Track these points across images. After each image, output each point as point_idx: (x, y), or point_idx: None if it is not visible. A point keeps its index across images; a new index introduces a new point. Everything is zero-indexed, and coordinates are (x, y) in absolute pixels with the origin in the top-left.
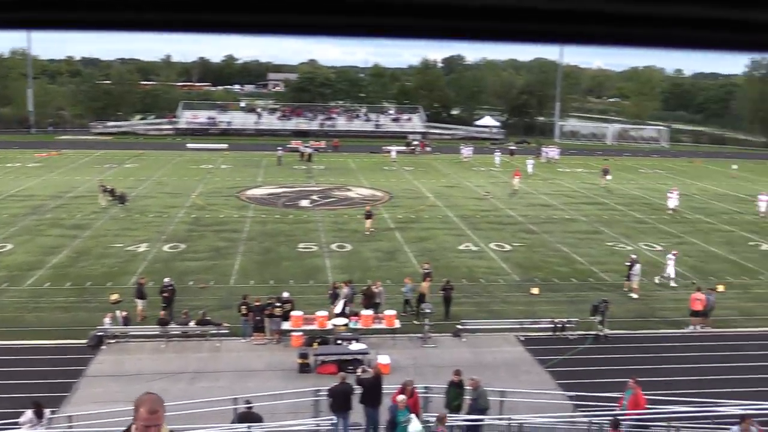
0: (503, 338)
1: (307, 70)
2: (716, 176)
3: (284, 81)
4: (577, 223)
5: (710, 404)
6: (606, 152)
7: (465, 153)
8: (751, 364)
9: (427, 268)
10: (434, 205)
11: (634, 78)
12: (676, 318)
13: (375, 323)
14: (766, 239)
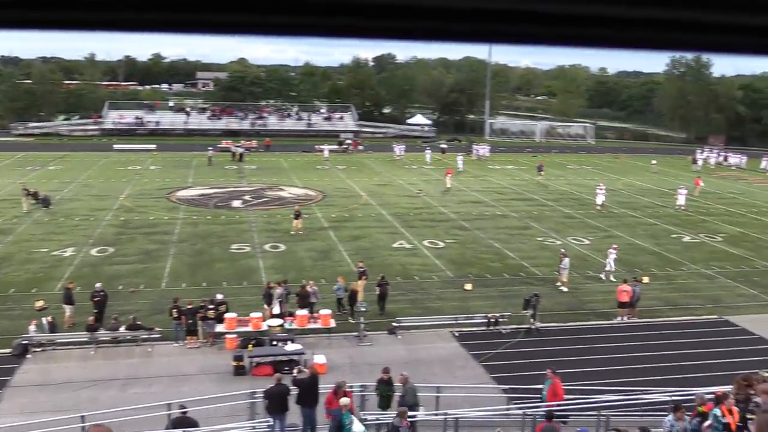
0: (438, 334)
1: (237, 69)
2: (639, 171)
3: (214, 80)
4: (508, 219)
5: (639, 392)
6: (535, 149)
7: (398, 151)
8: (677, 351)
9: (361, 266)
10: (368, 203)
11: (560, 76)
12: (604, 309)
13: (310, 323)
14: (687, 231)
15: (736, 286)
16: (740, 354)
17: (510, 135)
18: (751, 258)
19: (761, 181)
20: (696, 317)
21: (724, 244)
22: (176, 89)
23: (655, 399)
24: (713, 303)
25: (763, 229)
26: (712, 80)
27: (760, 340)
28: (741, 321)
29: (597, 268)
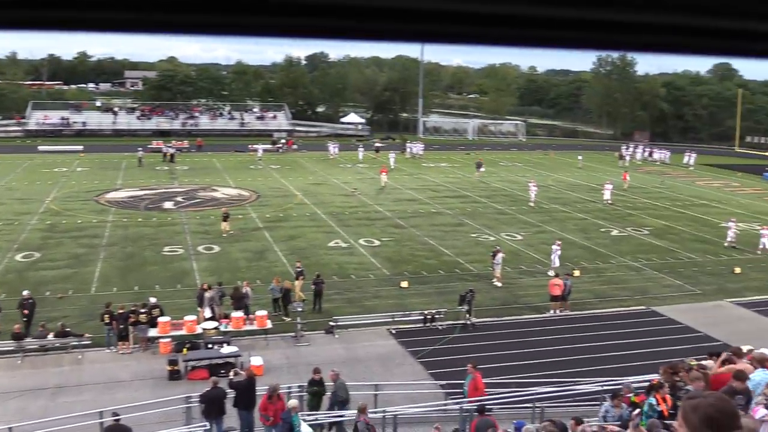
0: (375, 332)
1: (167, 68)
2: (569, 167)
3: (142, 79)
4: (442, 216)
5: (572, 383)
6: (468, 147)
7: (332, 150)
8: (607, 342)
9: (299, 267)
10: (302, 203)
11: (491, 75)
12: (537, 303)
13: (246, 325)
14: (615, 225)
15: (662, 278)
16: (667, 343)
17: (443, 133)
18: (676, 250)
19: (684, 175)
20: (625, 308)
21: (650, 237)
22: (103, 89)
23: (587, 389)
24: (641, 294)
25: (686, 222)
26: (636, 78)
27: (685, 328)
28: (667, 311)
29: (529, 263)
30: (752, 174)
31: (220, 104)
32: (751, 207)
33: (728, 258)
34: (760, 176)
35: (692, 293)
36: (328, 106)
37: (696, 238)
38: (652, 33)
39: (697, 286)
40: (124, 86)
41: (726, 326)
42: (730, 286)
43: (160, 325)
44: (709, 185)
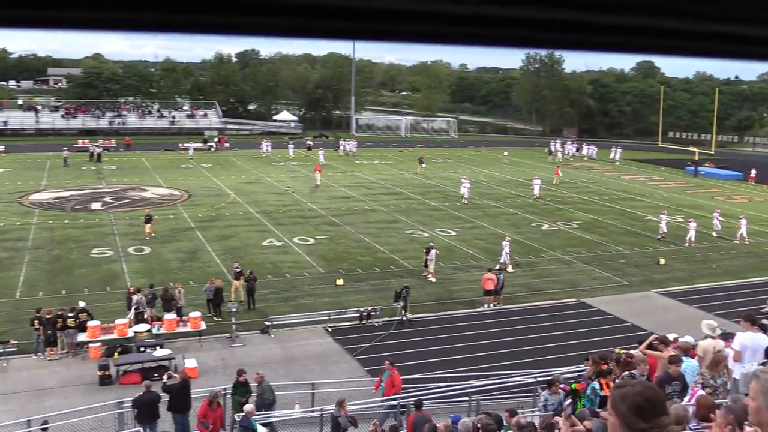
0: (311, 331)
1: (92, 65)
2: (500, 163)
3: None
4: (376, 214)
5: (506, 376)
6: (401, 144)
7: (265, 148)
8: (540, 335)
9: (237, 267)
10: (235, 201)
11: (423, 72)
12: (471, 298)
13: (179, 327)
14: (545, 220)
15: (592, 270)
16: (597, 333)
17: (376, 130)
18: (604, 243)
19: (611, 170)
20: (556, 301)
21: (579, 230)
22: (25, 86)
23: (521, 381)
24: (572, 287)
25: (613, 215)
26: (564, 76)
27: (614, 319)
28: (597, 302)
29: (463, 258)
30: (675, 168)
31: (149, 102)
32: (674, 200)
33: (653, 250)
34: (682, 170)
35: (620, 285)
36: (259, 104)
37: (623, 231)
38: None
39: (625, 277)
40: (48, 84)
41: (652, 316)
42: (655, 277)
43: (90, 329)
44: (635, 179)
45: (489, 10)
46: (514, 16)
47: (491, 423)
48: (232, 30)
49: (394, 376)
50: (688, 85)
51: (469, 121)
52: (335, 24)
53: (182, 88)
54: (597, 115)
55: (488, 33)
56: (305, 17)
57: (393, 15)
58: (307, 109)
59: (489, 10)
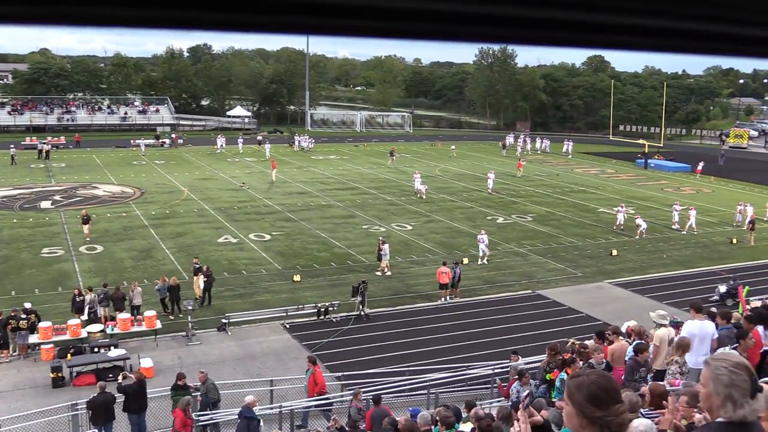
0: (269, 328)
1: (39, 60)
2: (455, 157)
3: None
4: (333, 209)
5: (464, 368)
6: (356, 139)
7: (219, 144)
8: (496, 327)
9: (196, 263)
10: (189, 198)
11: (377, 67)
12: (429, 292)
13: (134, 326)
14: (500, 213)
15: (546, 262)
16: (552, 324)
17: (331, 125)
18: (558, 235)
19: (563, 163)
20: (512, 293)
21: (534, 223)
22: None
23: (478, 373)
24: (527, 279)
25: (566, 208)
26: (516, 70)
27: (569, 310)
28: (551, 294)
29: (420, 252)
30: (626, 161)
31: (99, 98)
32: (625, 192)
33: (606, 241)
34: (632, 163)
35: (574, 276)
36: (212, 99)
37: (576, 223)
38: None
39: (578, 269)
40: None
41: (605, 306)
42: (608, 267)
43: (41, 330)
44: (587, 172)
45: (444, 6)
46: (469, 12)
47: (450, 416)
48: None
49: (316, 374)
50: (637, 79)
51: (424, 115)
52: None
53: (133, 83)
54: (549, 108)
55: (443, 28)
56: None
57: (350, 10)
58: (261, 105)
59: (444, 6)
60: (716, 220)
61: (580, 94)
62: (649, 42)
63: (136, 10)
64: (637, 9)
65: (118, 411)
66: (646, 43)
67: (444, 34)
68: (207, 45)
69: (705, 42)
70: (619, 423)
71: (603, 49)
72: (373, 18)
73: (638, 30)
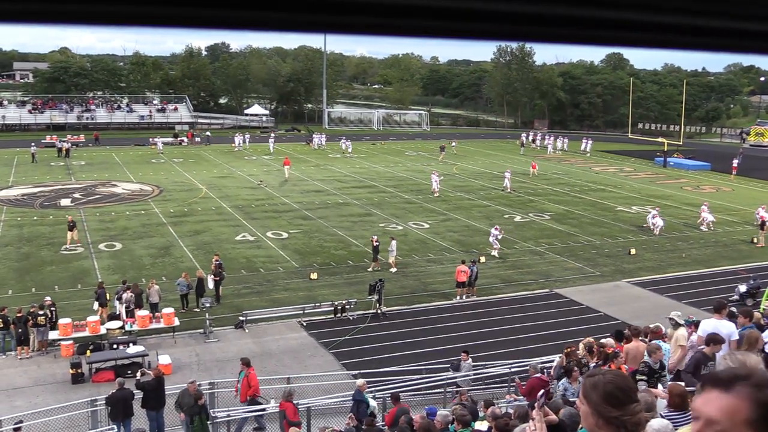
0: (286, 325)
1: (59, 59)
2: (472, 156)
3: (33, 71)
4: (350, 207)
5: (481, 366)
6: (373, 137)
7: (237, 142)
8: (514, 326)
9: (217, 260)
10: (207, 196)
11: (395, 65)
12: (445, 290)
13: (153, 323)
14: (517, 211)
15: (564, 261)
16: (570, 323)
17: (348, 123)
18: (576, 234)
19: (582, 161)
20: (529, 292)
21: (551, 221)
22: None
23: (496, 372)
24: (544, 277)
25: (584, 206)
26: (534, 68)
27: (586, 309)
28: (569, 293)
29: (437, 250)
30: (644, 159)
31: (118, 96)
32: (644, 191)
33: (624, 240)
34: (651, 161)
35: (592, 275)
36: (230, 98)
37: (594, 221)
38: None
39: (596, 267)
40: (14, 79)
41: (623, 305)
42: (626, 266)
43: (61, 327)
44: (605, 170)
45: (462, 4)
46: (487, 9)
47: (466, 414)
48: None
49: (250, 376)
50: (656, 77)
51: (442, 113)
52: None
53: (152, 82)
54: (568, 106)
55: (462, 26)
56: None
57: (366, 7)
58: (278, 103)
59: (462, 3)
60: (737, 218)
61: (599, 92)
62: (668, 39)
63: (156, 8)
64: (656, 5)
65: (136, 407)
66: (665, 40)
67: (462, 32)
68: (225, 44)
69: (725, 39)
70: (635, 422)
71: (622, 46)
72: (391, 15)
73: (658, 27)
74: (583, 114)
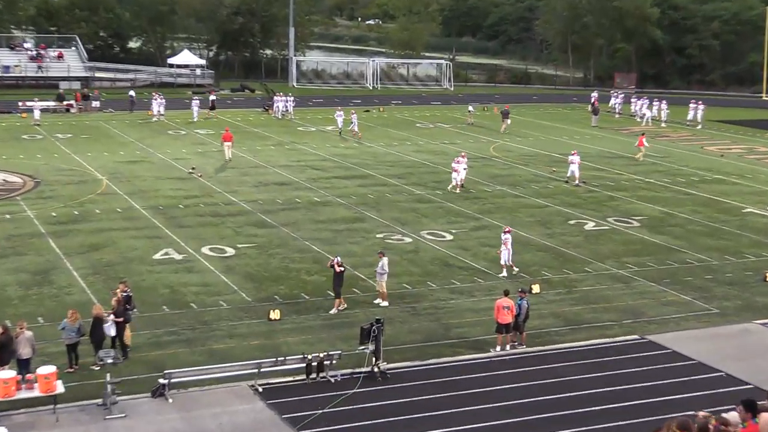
0: (232, 391)
1: None
2: (520, 128)
3: None
4: (331, 208)
5: None
6: (366, 100)
7: (156, 109)
8: (585, 392)
9: (126, 290)
10: (110, 192)
11: None
12: (477, 336)
13: (22, 390)
14: (590, 214)
15: (662, 291)
16: (672, 388)
17: (328, 79)
18: (680, 249)
19: (689, 137)
20: (609, 339)
21: (643, 230)
22: None
23: None
24: (632, 317)
25: (693, 207)
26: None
27: (698, 366)
28: (669, 340)
29: (465, 275)
30: None
31: None
32: None
33: (756, 260)
34: None
35: (706, 313)
36: (146, 40)
37: (709, 230)
38: None
39: (712, 301)
40: None
41: (756, 360)
42: (760, 300)
43: None
44: (726, 151)
45: None
46: None
47: None
48: None
49: None
50: None
51: (471, 64)
52: None
53: (21, 13)
54: (667, 53)
55: None
56: None
57: None
58: (220, 49)
59: None
60: None
61: (716, 30)
62: None
63: None
64: None
65: None
66: None
67: None
68: None
69: None
70: None
71: None
72: None
73: None
74: (691, 64)
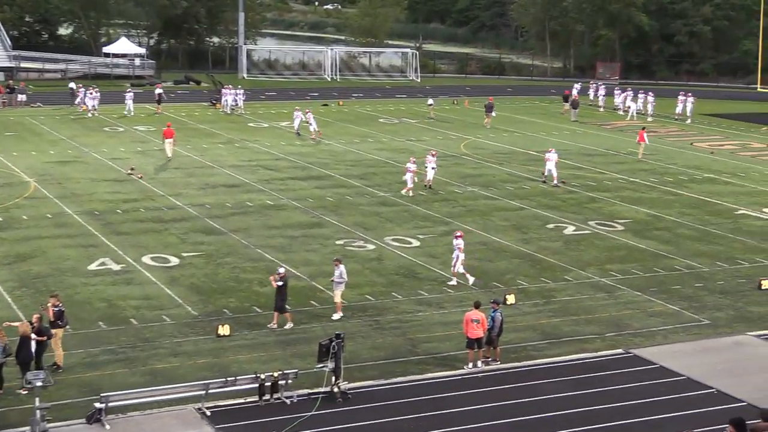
0: (177, 415)
1: None
2: (493, 123)
3: None
4: (286, 212)
5: None
6: (325, 93)
7: (90, 102)
8: (563, 411)
9: (57, 305)
10: (39, 196)
11: None
12: (448, 352)
13: None
14: (570, 217)
15: (648, 300)
16: (659, 407)
17: (282, 70)
18: (668, 255)
19: (678, 132)
20: (590, 354)
21: (627, 235)
22: None
23: None
24: (615, 329)
25: (682, 208)
26: None
27: (686, 382)
28: (656, 354)
29: (433, 285)
30: None
31: None
32: None
33: (750, 266)
34: None
35: (695, 324)
36: (78, 26)
37: (699, 234)
38: None
39: (703, 312)
40: None
41: (750, 376)
42: (754, 310)
43: None
44: (718, 147)
45: None
46: None
47: None
48: None
49: None
50: None
51: (440, 53)
52: None
53: None
54: (654, 41)
55: None
56: None
57: None
58: (161, 36)
59: None
60: None
61: (707, 16)
62: None
63: None
64: None
65: None
66: None
67: None
68: None
69: None
70: None
71: None
72: None
73: None
74: (680, 53)
